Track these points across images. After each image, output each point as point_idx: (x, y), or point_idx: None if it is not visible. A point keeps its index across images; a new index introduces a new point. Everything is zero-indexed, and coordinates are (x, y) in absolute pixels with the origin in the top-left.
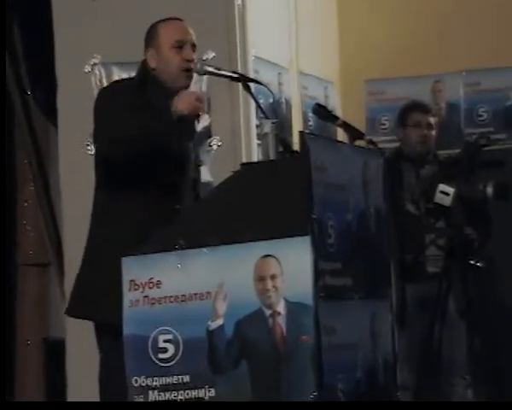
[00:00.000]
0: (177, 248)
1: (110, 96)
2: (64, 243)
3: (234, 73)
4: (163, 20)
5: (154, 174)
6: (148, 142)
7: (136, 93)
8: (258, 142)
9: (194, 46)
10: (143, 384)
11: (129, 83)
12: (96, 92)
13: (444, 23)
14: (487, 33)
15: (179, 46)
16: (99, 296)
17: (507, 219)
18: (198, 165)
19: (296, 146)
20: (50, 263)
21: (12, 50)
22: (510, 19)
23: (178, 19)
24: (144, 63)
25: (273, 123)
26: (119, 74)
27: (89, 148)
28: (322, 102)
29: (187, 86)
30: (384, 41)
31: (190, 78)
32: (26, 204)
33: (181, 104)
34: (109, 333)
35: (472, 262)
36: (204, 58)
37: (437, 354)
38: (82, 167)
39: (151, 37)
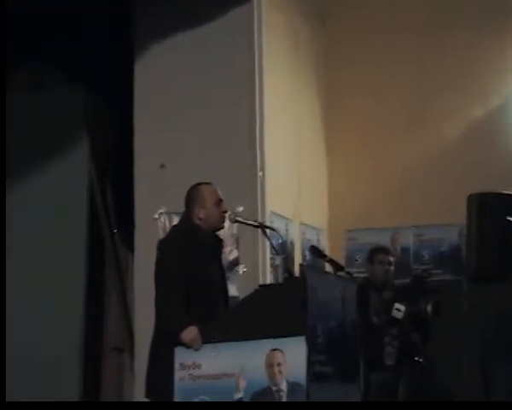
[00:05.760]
0: (212, 342)
1: (169, 250)
2: (135, 335)
3: (256, 222)
4: (200, 184)
5: (202, 292)
6: (201, 273)
7: (187, 241)
8: (271, 270)
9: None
10: None
11: (179, 235)
12: (160, 233)
13: (399, 194)
14: (429, 200)
15: (219, 203)
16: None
17: (441, 329)
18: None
19: (297, 274)
20: (125, 349)
21: (105, 202)
22: (445, 193)
23: (209, 183)
24: (190, 216)
25: (282, 257)
26: (177, 221)
27: None
28: (315, 244)
29: (222, 228)
30: (358, 205)
31: (224, 223)
32: (111, 307)
33: (186, 336)
34: None
35: (416, 358)
36: (235, 211)
37: None
38: (151, 284)
39: (196, 197)
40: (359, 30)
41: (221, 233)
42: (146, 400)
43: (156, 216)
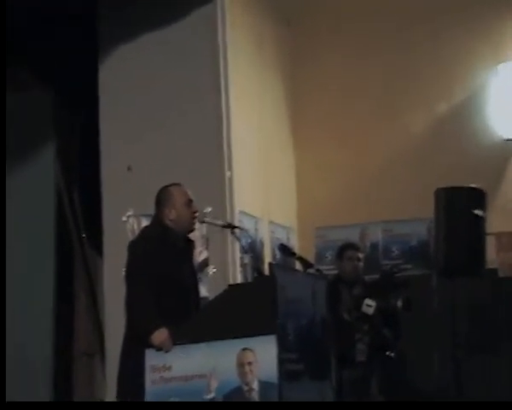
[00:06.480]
0: (182, 343)
1: (139, 252)
2: (106, 339)
3: (224, 222)
4: (170, 186)
5: (173, 294)
6: (171, 274)
7: (158, 243)
8: (241, 269)
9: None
10: None
11: (150, 236)
12: (129, 235)
13: (368, 190)
14: (398, 195)
15: (189, 203)
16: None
17: (412, 324)
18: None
19: (266, 272)
20: (95, 353)
21: (72, 206)
22: (413, 188)
23: (179, 184)
24: (160, 218)
25: (251, 257)
26: (145, 223)
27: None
28: (284, 242)
29: (193, 230)
30: (328, 201)
31: (195, 224)
32: (80, 312)
33: (157, 339)
34: None
35: (387, 354)
36: (204, 211)
37: None
38: (121, 287)
39: (166, 198)
40: (325, 28)
41: (190, 234)
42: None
43: (124, 219)
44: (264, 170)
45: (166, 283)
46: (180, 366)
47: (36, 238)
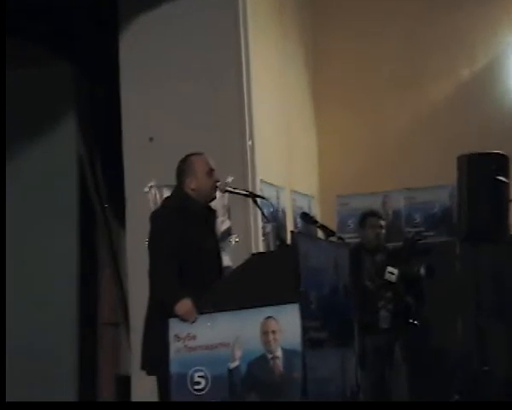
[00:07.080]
0: (207, 313)
1: (162, 222)
2: (130, 309)
3: (246, 191)
4: (191, 155)
5: (196, 263)
6: (194, 243)
7: (180, 212)
8: (263, 238)
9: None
10: None
11: (171, 206)
12: (151, 205)
13: (390, 158)
14: (420, 163)
15: (210, 173)
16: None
17: (435, 291)
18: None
19: (288, 241)
20: (120, 323)
21: (95, 176)
22: (435, 155)
23: (201, 153)
24: (182, 187)
25: (273, 225)
26: (167, 194)
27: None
28: (306, 210)
29: (214, 198)
30: (349, 170)
31: (216, 193)
32: (104, 282)
33: (181, 309)
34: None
35: (410, 321)
36: (226, 181)
37: (387, 388)
38: (144, 257)
39: (187, 168)
40: None
41: (212, 204)
42: (142, 372)
43: (146, 189)
44: (285, 138)
45: (189, 252)
46: (204, 334)
47: (59, 210)
